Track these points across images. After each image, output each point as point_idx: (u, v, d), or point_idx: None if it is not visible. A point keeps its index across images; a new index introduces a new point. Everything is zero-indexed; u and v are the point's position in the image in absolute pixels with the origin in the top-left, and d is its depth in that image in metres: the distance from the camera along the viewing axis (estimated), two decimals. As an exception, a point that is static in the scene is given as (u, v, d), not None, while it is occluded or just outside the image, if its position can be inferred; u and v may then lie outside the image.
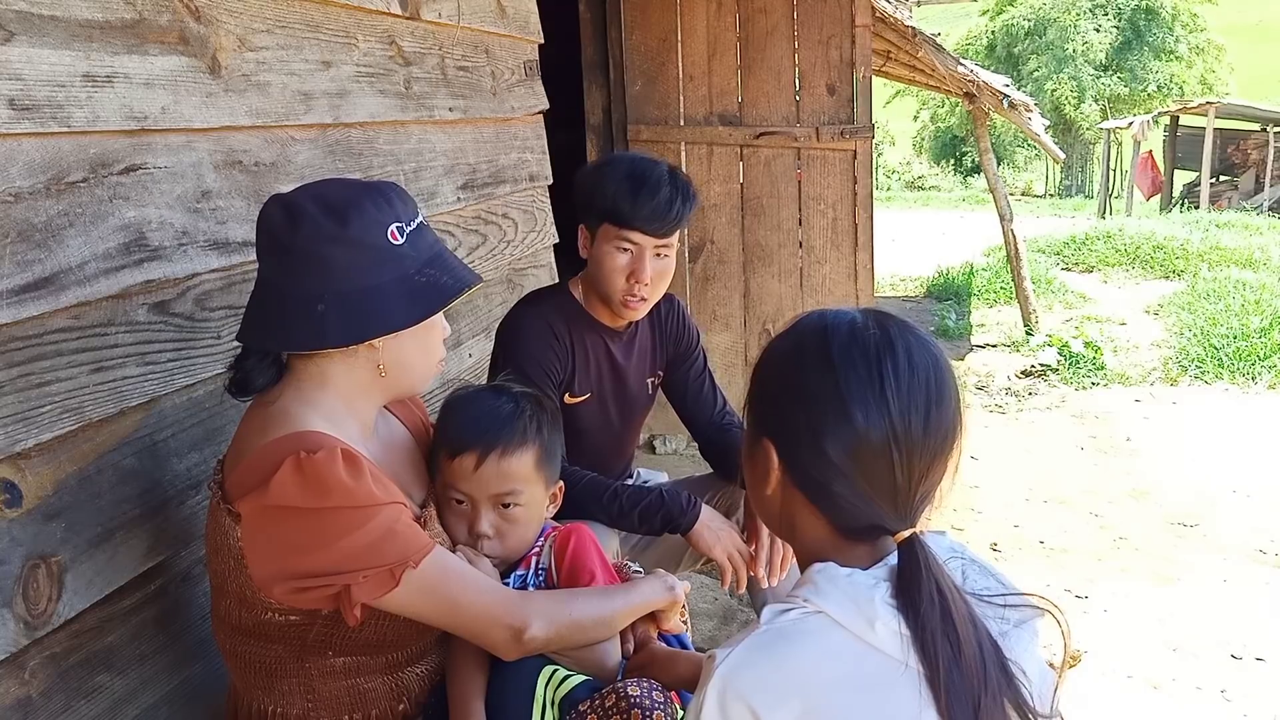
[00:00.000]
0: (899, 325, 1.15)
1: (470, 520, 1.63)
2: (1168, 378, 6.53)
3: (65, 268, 1.47)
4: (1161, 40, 28.99)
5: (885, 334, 1.13)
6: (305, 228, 1.38)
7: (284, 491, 1.33)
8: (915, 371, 1.10)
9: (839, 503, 1.13)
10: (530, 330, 2.26)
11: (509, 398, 1.68)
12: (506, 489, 1.62)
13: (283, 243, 1.39)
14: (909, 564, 1.08)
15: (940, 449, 1.11)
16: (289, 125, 2.06)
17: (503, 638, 1.45)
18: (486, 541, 1.62)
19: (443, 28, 2.77)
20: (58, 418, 1.44)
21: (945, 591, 1.06)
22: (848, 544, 1.14)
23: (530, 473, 1.64)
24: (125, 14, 1.63)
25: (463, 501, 1.63)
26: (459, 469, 1.61)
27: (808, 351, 1.15)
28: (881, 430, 1.08)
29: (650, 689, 1.46)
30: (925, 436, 1.09)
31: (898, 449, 1.09)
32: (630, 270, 2.17)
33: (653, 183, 2.13)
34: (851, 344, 1.12)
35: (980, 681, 1.03)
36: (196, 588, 1.73)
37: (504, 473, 1.61)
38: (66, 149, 1.50)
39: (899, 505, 1.11)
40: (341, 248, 1.38)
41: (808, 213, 4.92)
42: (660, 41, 4.85)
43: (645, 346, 2.47)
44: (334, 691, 1.48)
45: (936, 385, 1.11)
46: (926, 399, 1.10)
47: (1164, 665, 3.15)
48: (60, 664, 1.46)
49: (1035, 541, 4.14)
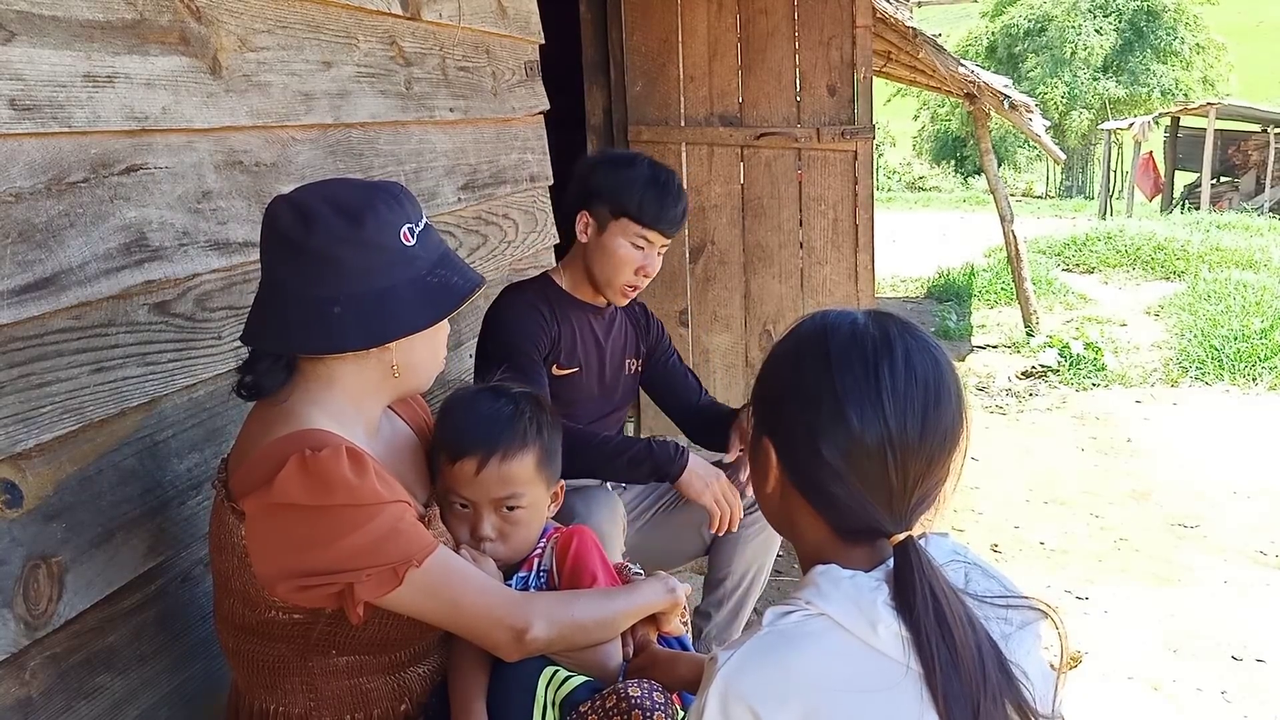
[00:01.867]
0: (900, 327, 1.15)
1: (472, 523, 1.62)
2: (1168, 379, 6.53)
3: (66, 268, 1.47)
4: (1164, 41, 28.95)
5: (885, 336, 1.12)
6: (319, 229, 1.37)
7: (288, 489, 1.33)
8: (913, 374, 1.10)
9: (836, 504, 1.13)
10: (515, 308, 2.41)
11: (508, 399, 1.67)
12: (508, 492, 1.61)
13: (295, 245, 1.38)
14: (903, 567, 1.08)
15: (938, 453, 1.11)
16: (290, 125, 2.06)
17: (504, 638, 1.45)
18: (489, 544, 1.62)
19: (443, 28, 2.77)
20: (58, 418, 1.44)
21: (939, 595, 1.05)
22: (846, 546, 1.14)
23: (531, 475, 1.64)
24: (126, 14, 1.63)
25: (465, 505, 1.63)
26: (460, 473, 1.60)
27: (807, 353, 1.15)
28: (876, 433, 1.08)
29: (651, 690, 1.46)
30: (922, 440, 1.09)
31: (892, 452, 1.08)
32: (641, 265, 2.38)
33: (675, 190, 2.37)
34: (850, 346, 1.12)
35: (979, 684, 1.03)
36: (197, 588, 1.73)
37: (505, 476, 1.61)
38: (67, 149, 1.50)
39: (894, 508, 1.10)
40: (356, 249, 1.38)
41: (808, 213, 4.92)
42: (661, 42, 4.85)
43: (624, 329, 2.63)
44: (337, 691, 1.48)
45: (935, 389, 1.11)
46: (924, 402, 1.09)
47: (1165, 666, 3.15)
48: (61, 664, 1.46)
49: (1036, 542, 4.14)
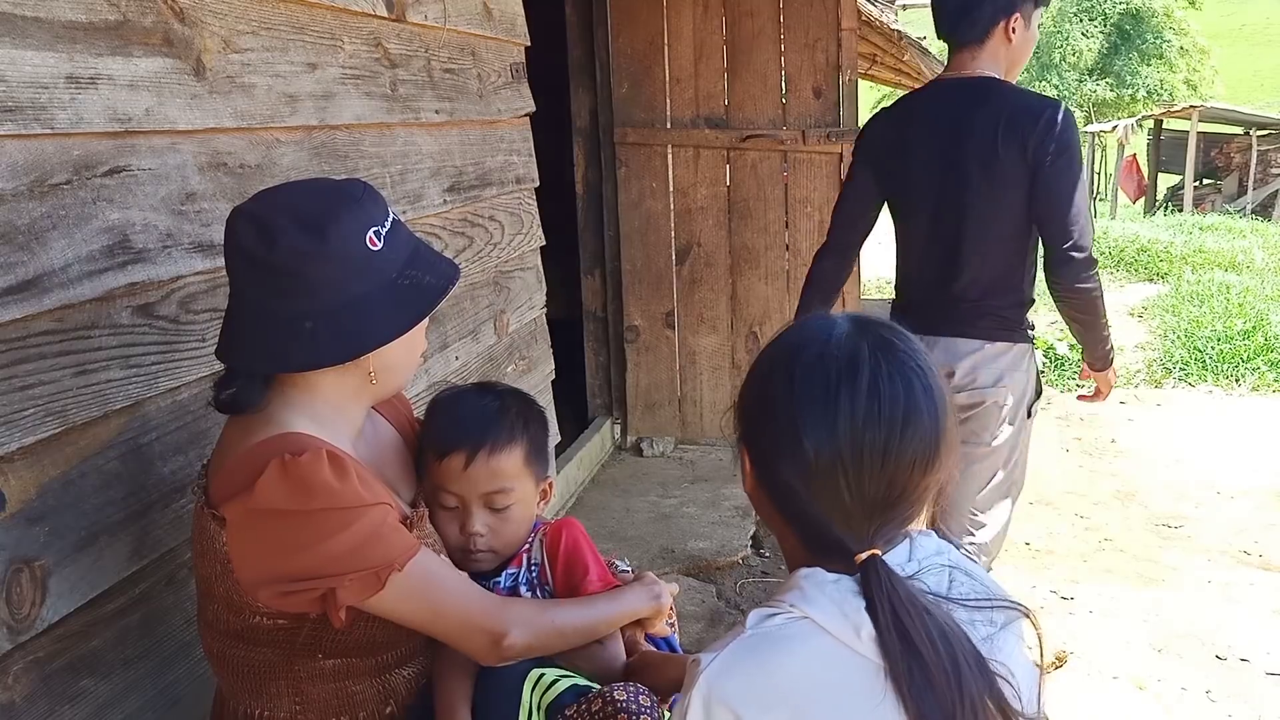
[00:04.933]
0: (876, 345, 1.11)
1: (462, 520, 1.62)
2: (1152, 380, 6.57)
3: (48, 270, 1.46)
4: (1150, 44, 29.13)
5: (852, 359, 1.09)
6: (281, 246, 1.33)
7: (269, 494, 1.32)
8: (876, 401, 1.07)
9: (801, 520, 1.13)
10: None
11: (494, 395, 1.68)
12: (497, 487, 1.61)
13: (259, 262, 1.35)
14: (866, 589, 1.06)
15: (900, 476, 1.08)
16: (274, 127, 2.05)
17: (481, 644, 1.44)
18: (479, 539, 1.62)
19: (429, 30, 2.77)
20: (41, 421, 1.43)
21: (902, 615, 1.04)
22: (817, 559, 1.13)
23: (520, 469, 1.64)
24: (109, 15, 1.62)
25: (454, 503, 1.62)
26: (448, 469, 1.60)
27: (775, 369, 1.14)
28: (829, 458, 1.06)
29: (637, 693, 1.46)
30: (882, 467, 1.07)
31: (846, 477, 1.07)
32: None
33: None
34: (814, 368, 1.10)
35: (954, 700, 1.01)
36: (181, 592, 1.72)
37: (493, 470, 1.60)
38: (50, 151, 1.49)
39: (854, 529, 1.09)
40: (322, 264, 1.34)
41: (794, 215, 4.93)
42: (647, 44, 4.86)
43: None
44: (322, 694, 1.47)
45: (904, 415, 1.07)
46: (887, 430, 1.06)
47: (1149, 666, 3.16)
48: (44, 669, 1.45)
49: (1021, 543, 4.16)
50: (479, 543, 1.62)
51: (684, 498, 4.47)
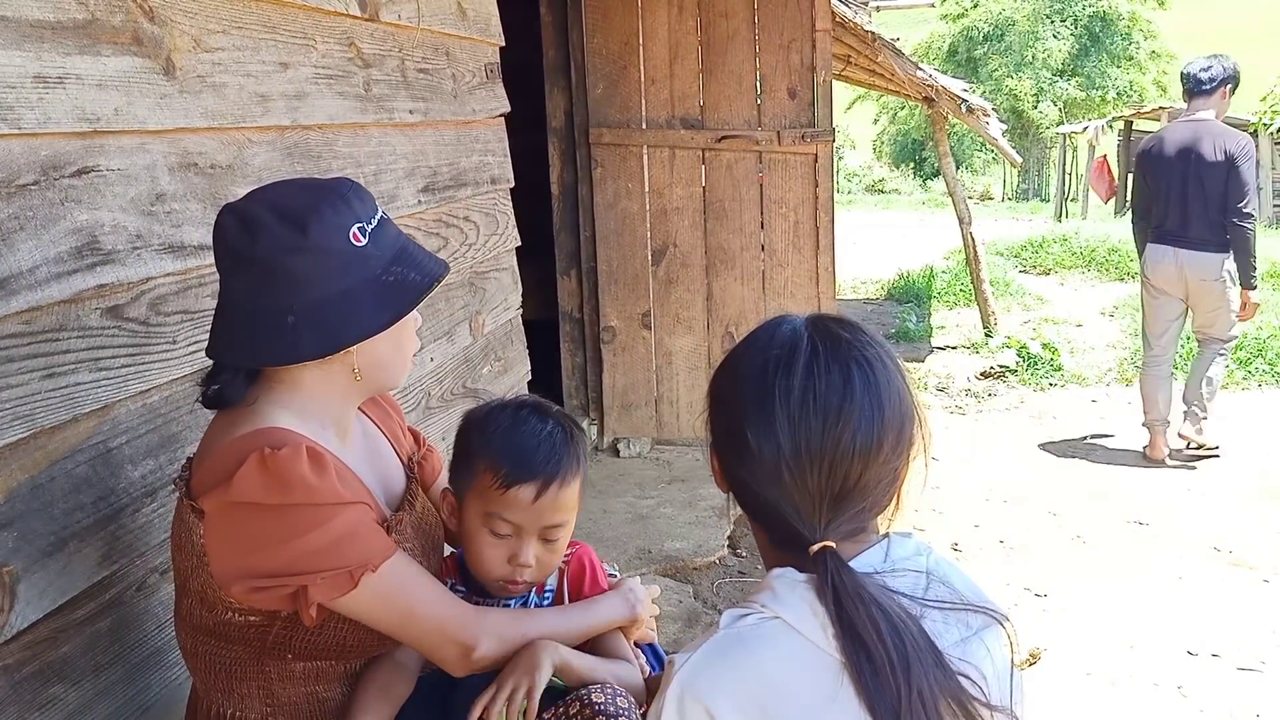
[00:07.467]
0: (820, 342, 1.12)
1: (514, 549, 1.55)
2: (1123, 378, 6.63)
3: (16, 272, 1.44)
4: (1119, 47, 29.41)
5: (789, 355, 1.10)
6: (263, 240, 1.35)
7: (247, 487, 1.31)
8: (811, 393, 1.08)
9: (760, 514, 1.15)
10: None
11: (555, 422, 1.60)
12: (559, 520, 1.56)
13: (242, 256, 1.36)
14: (819, 580, 1.07)
15: (843, 467, 1.08)
16: (246, 127, 2.03)
17: (452, 654, 1.44)
18: (527, 571, 1.56)
19: (402, 30, 2.75)
20: (9, 425, 1.41)
21: (847, 607, 1.05)
22: (782, 554, 1.14)
23: (578, 500, 1.60)
24: (77, 14, 1.60)
25: (508, 531, 1.55)
26: (514, 500, 1.52)
27: (728, 369, 1.18)
28: (771, 452, 1.09)
29: (615, 695, 1.45)
30: (820, 456, 1.07)
31: (788, 469, 1.08)
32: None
33: None
34: (754, 366, 1.13)
35: (899, 690, 1.02)
36: (152, 597, 1.71)
37: (559, 504, 1.55)
38: (16, 151, 1.47)
39: (805, 520, 1.10)
40: (304, 257, 1.35)
41: (769, 216, 4.94)
42: (622, 45, 4.85)
43: None
44: (293, 698, 1.46)
45: (839, 406, 1.07)
46: (822, 421, 1.07)
47: (1121, 662, 3.19)
48: (13, 675, 1.43)
49: (995, 541, 4.19)
50: (526, 574, 1.56)
51: (661, 498, 4.47)
